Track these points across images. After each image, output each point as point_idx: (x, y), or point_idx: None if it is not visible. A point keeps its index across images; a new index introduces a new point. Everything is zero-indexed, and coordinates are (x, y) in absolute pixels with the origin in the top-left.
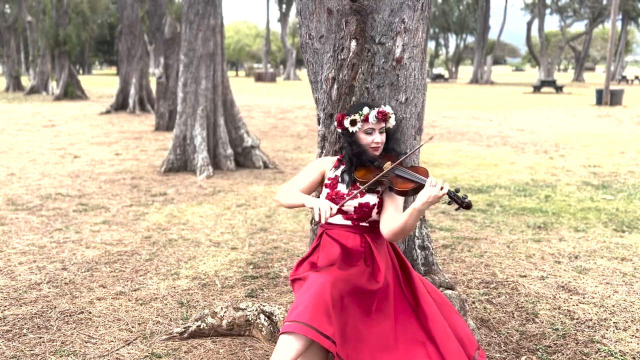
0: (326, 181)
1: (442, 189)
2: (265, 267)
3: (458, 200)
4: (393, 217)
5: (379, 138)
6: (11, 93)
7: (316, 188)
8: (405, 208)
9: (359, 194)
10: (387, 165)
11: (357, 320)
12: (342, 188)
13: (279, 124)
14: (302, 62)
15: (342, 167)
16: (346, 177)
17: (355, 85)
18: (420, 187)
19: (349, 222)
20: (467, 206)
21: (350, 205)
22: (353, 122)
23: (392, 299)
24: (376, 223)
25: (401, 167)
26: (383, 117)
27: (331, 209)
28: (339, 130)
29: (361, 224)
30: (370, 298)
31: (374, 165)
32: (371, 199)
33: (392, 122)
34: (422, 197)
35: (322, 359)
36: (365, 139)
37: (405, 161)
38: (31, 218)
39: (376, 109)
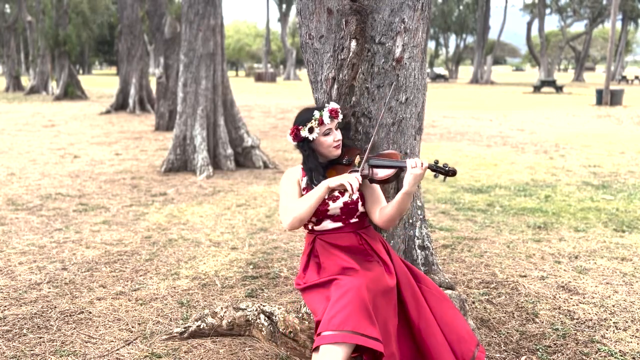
0: (302, 192)
1: (422, 165)
2: (265, 267)
3: (442, 171)
4: (381, 205)
5: (338, 135)
6: (11, 93)
7: None
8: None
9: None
10: (358, 160)
11: (386, 318)
12: None
13: (279, 124)
14: (302, 62)
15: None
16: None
17: (355, 85)
18: (400, 170)
19: (339, 224)
20: (453, 173)
21: (335, 208)
22: (311, 130)
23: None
24: (364, 215)
25: (373, 156)
26: (335, 114)
27: (356, 178)
28: (295, 143)
29: (351, 221)
30: (392, 295)
31: (343, 163)
32: None
33: (340, 117)
34: (408, 181)
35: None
36: (325, 141)
37: (375, 149)
38: (31, 218)
39: (327, 109)
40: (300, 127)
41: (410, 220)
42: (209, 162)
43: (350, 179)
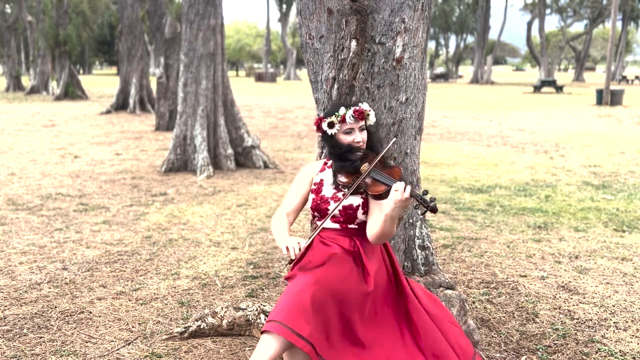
0: (312, 186)
1: (405, 191)
2: (266, 267)
3: (424, 204)
4: (375, 220)
5: (359, 137)
6: (11, 93)
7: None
8: None
9: (343, 198)
10: (365, 167)
11: (348, 322)
12: (326, 192)
13: (279, 123)
14: (303, 62)
15: (329, 170)
16: (332, 178)
17: (355, 85)
18: (391, 189)
19: (337, 225)
20: (433, 210)
21: (335, 209)
22: (331, 124)
23: (384, 303)
24: (365, 224)
25: (377, 169)
26: (360, 115)
27: (299, 243)
28: (319, 134)
29: (349, 226)
30: (363, 300)
31: (354, 167)
32: (354, 200)
33: (372, 119)
34: (389, 203)
35: (283, 350)
36: (345, 139)
37: (387, 162)
38: (31, 218)
39: (352, 108)
40: (323, 119)
41: (410, 220)
42: (209, 162)
43: (291, 244)
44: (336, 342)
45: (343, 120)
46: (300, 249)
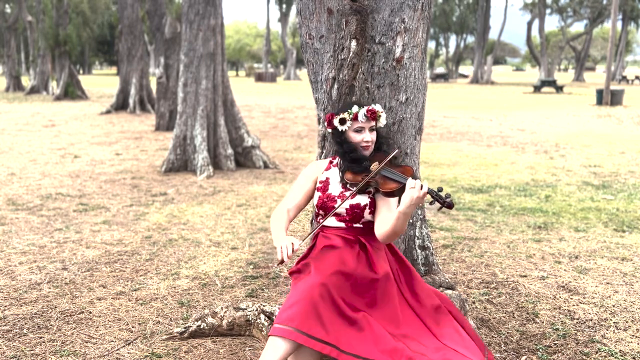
0: (318, 184)
1: (422, 188)
2: (266, 267)
3: (440, 200)
4: (384, 219)
5: (368, 137)
6: (11, 93)
7: (312, 196)
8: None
9: (350, 197)
10: (375, 166)
11: (361, 312)
12: (333, 190)
13: (279, 123)
14: (302, 62)
15: (335, 168)
16: (340, 177)
17: (355, 85)
18: (404, 187)
19: (342, 224)
20: (449, 206)
21: (341, 208)
22: (342, 121)
23: (393, 293)
24: (371, 224)
25: (388, 167)
26: (372, 115)
27: (292, 244)
28: (329, 130)
29: (355, 225)
30: (372, 288)
31: (362, 166)
32: (362, 199)
33: (382, 122)
34: (405, 200)
35: (315, 357)
36: (355, 137)
37: (396, 161)
38: (31, 218)
39: (365, 107)
40: (335, 115)
41: (411, 220)
42: (209, 162)
43: (284, 244)
44: (358, 335)
45: (355, 118)
46: (293, 250)
